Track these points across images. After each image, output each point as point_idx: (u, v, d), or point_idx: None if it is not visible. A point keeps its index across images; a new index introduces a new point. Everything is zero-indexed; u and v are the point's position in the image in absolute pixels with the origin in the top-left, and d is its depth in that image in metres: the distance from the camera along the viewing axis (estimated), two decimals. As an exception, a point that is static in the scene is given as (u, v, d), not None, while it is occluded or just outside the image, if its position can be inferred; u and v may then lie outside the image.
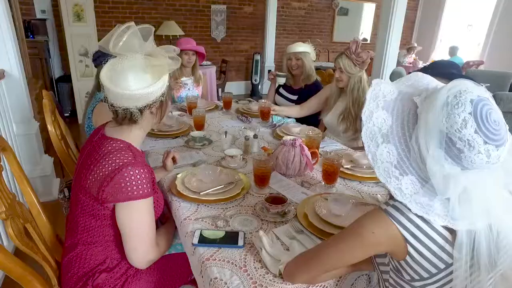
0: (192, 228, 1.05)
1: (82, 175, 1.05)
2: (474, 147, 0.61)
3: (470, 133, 0.61)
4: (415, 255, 0.68)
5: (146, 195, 0.99)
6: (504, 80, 3.76)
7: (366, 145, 0.70)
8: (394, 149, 0.68)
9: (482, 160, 0.62)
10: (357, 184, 1.41)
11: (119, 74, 0.99)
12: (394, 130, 0.69)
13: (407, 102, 0.71)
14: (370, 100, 0.72)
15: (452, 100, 0.63)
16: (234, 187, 1.26)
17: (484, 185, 0.64)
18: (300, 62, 2.44)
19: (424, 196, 0.66)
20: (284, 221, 1.09)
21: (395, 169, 0.68)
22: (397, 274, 0.75)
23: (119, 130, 1.08)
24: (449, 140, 0.63)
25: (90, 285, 1.05)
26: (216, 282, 0.84)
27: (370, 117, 0.70)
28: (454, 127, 0.62)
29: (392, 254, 0.73)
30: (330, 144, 1.89)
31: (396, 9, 3.78)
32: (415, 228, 0.67)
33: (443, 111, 0.63)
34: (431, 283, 0.70)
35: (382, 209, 0.70)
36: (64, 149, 1.59)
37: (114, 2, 5.26)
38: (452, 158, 0.64)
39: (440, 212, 0.65)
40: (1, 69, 2.21)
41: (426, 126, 0.65)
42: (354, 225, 0.74)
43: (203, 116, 1.94)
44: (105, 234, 1.08)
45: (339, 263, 0.78)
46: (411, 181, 0.67)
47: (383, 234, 0.69)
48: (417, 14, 8.33)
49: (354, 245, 0.73)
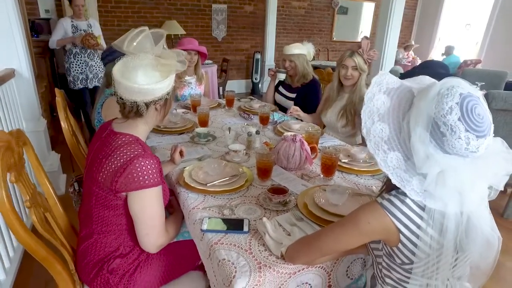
0: (200, 216, 1.14)
1: (94, 168, 1.12)
2: (455, 132, 0.69)
3: (453, 119, 0.69)
4: (406, 243, 0.76)
5: (156, 183, 1.07)
6: (498, 79, 3.85)
7: (363, 121, 0.79)
8: (387, 128, 0.77)
9: (461, 146, 0.70)
10: (354, 177, 1.50)
11: (131, 70, 1.08)
12: (390, 113, 0.78)
13: (407, 92, 0.80)
14: (374, 84, 0.80)
15: (444, 91, 0.71)
16: (238, 179, 1.34)
17: (460, 172, 0.71)
18: (293, 64, 2.52)
19: (405, 172, 0.74)
20: (286, 210, 1.17)
21: (385, 144, 0.76)
22: (389, 258, 0.83)
23: (126, 125, 1.16)
24: (435, 124, 0.71)
25: (105, 269, 1.14)
26: (224, 262, 0.93)
27: (371, 98, 0.79)
28: (440, 112, 0.70)
29: (386, 241, 0.81)
30: (329, 140, 1.98)
31: (394, 9, 3.85)
32: (407, 220, 0.75)
33: (434, 99, 0.71)
34: (419, 266, 0.78)
35: (378, 202, 0.78)
36: (76, 144, 1.67)
37: (117, 1, 5.33)
38: (436, 141, 0.72)
39: (417, 189, 0.73)
40: (12, 69, 2.28)
41: (417, 110, 0.73)
42: (352, 215, 0.82)
43: (207, 114, 2.02)
44: (118, 223, 1.15)
45: (336, 248, 0.86)
46: (397, 157, 0.75)
47: (378, 225, 0.77)
48: (416, 13, 8.40)
49: (351, 233, 0.81)
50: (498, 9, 6.55)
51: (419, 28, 8.47)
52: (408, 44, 7.01)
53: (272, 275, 0.90)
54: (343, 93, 2.14)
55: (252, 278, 0.88)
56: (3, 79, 2.02)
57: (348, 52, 2.02)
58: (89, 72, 3.57)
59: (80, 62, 3.52)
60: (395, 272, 0.83)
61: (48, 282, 1.81)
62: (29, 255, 1.02)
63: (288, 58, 2.52)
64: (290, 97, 2.64)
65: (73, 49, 3.46)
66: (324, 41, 7.50)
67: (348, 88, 2.10)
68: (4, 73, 2.09)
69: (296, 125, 2.08)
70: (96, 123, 1.82)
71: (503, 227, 2.52)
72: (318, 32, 7.39)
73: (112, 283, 1.13)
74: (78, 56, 3.49)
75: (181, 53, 1.16)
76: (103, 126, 1.26)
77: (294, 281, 0.94)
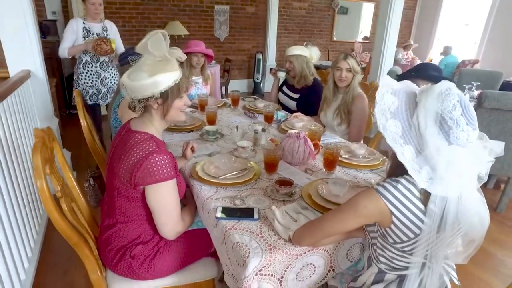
0: (214, 206, 1.25)
1: (115, 164, 1.24)
2: (460, 125, 0.82)
3: (458, 114, 0.82)
4: (397, 223, 0.88)
5: (170, 177, 1.17)
6: (494, 79, 3.95)
7: (378, 118, 0.90)
8: (400, 124, 0.89)
9: (464, 137, 0.83)
10: (354, 171, 1.61)
11: (132, 70, 1.21)
12: (399, 110, 0.90)
13: (409, 93, 0.92)
14: (382, 86, 0.92)
15: (445, 91, 0.85)
16: (247, 172, 1.46)
17: (461, 160, 0.83)
18: (292, 65, 2.62)
19: (417, 163, 0.86)
20: (291, 200, 1.29)
21: (400, 138, 0.88)
22: (383, 239, 0.95)
23: (141, 123, 1.27)
24: (442, 119, 0.83)
25: (128, 255, 1.25)
26: (238, 245, 1.04)
27: (382, 98, 0.91)
28: (446, 109, 0.83)
29: (380, 223, 0.93)
30: (330, 138, 2.09)
31: (393, 10, 3.96)
32: (398, 203, 0.86)
33: (438, 98, 0.84)
34: (409, 245, 0.90)
35: (374, 188, 0.89)
36: (93, 141, 1.79)
37: (121, 3, 5.44)
38: (443, 133, 0.84)
39: (424, 178, 0.84)
40: (28, 69, 2.40)
41: (425, 108, 0.85)
42: (351, 200, 0.93)
43: (215, 113, 2.14)
44: (138, 213, 1.26)
45: (338, 229, 0.97)
46: (410, 150, 0.87)
47: (373, 208, 0.88)
48: (415, 13, 8.50)
49: (350, 216, 0.92)
50: (496, 9, 6.66)
51: (418, 28, 8.58)
52: (407, 44, 7.10)
53: (281, 255, 1.02)
54: (338, 94, 2.26)
55: (263, 258, 0.99)
56: (21, 81, 2.13)
57: (342, 55, 2.15)
58: (102, 86, 2.90)
59: (91, 73, 2.86)
60: (388, 251, 0.95)
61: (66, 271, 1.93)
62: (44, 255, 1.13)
63: (288, 59, 2.63)
64: (293, 97, 2.75)
65: (83, 57, 2.81)
66: (324, 41, 7.60)
67: (342, 89, 2.22)
68: (22, 75, 2.20)
69: (299, 123, 2.19)
70: (112, 121, 1.93)
71: (496, 221, 2.64)
72: (319, 33, 7.50)
73: (134, 267, 1.24)
74: (88, 65, 2.84)
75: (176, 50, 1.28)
76: (123, 125, 1.37)
77: (300, 262, 1.06)
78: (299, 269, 1.07)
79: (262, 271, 1.00)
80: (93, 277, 1.22)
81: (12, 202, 1.67)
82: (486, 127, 2.50)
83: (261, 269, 1.00)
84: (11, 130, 1.85)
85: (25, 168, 2.01)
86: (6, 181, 1.62)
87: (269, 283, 1.02)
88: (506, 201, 2.72)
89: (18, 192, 1.81)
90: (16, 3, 2.25)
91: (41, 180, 1.00)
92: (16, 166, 1.83)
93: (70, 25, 2.76)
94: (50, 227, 2.30)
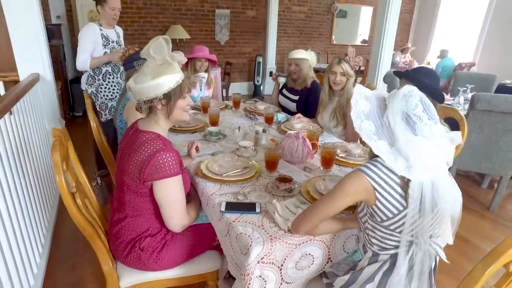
0: (218, 201, 1.34)
1: (124, 162, 1.32)
2: (422, 120, 0.97)
3: (420, 111, 0.97)
4: (382, 200, 0.99)
5: (176, 173, 1.26)
6: (488, 82, 4.05)
7: (354, 120, 1.04)
8: (373, 124, 1.03)
9: (427, 129, 0.97)
10: (350, 169, 1.69)
11: (137, 75, 1.30)
12: (372, 112, 1.04)
13: (379, 97, 1.07)
14: (356, 93, 1.07)
15: (408, 93, 1.00)
16: (249, 170, 1.55)
17: (427, 149, 0.97)
18: (298, 68, 2.72)
19: (392, 154, 0.99)
20: (291, 196, 1.37)
21: (374, 135, 1.02)
22: (371, 219, 1.05)
23: (147, 123, 1.35)
24: (407, 116, 0.97)
25: (137, 247, 1.33)
26: (241, 235, 1.13)
27: (356, 103, 1.05)
28: (410, 107, 0.97)
29: (366, 202, 1.04)
30: (328, 138, 2.18)
31: (390, 14, 4.06)
32: (380, 180, 0.99)
33: (403, 99, 0.99)
34: (394, 222, 1.00)
35: (358, 169, 1.02)
36: (102, 142, 1.88)
37: (124, 7, 5.53)
38: (410, 128, 0.98)
39: (401, 166, 0.97)
40: (37, 73, 2.49)
41: (393, 108, 0.99)
42: (338, 183, 1.05)
43: (217, 114, 2.23)
44: (147, 208, 1.35)
45: (330, 211, 1.07)
46: (384, 144, 1.01)
47: (358, 186, 1.00)
48: (413, 16, 8.63)
49: (339, 196, 1.03)
50: (491, 13, 6.78)
51: (416, 31, 8.70)
52: (405, 47, 7.22)
53: (281, 245, 1.11)
54: (334, 97, 2.36)
55: (265, 247, 1.08)
56: (32, 84, 2.22)
57: (336, 59, 2.26)
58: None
59: (112, 85, 2.57)
60: (378, 231, 1.05)
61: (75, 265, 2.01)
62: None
63: (294, 62, 2.72)
64: (293, 99, 2.84)
65: (102, 67, 2.52)
66: (323, 45, 7.71)
67: (338, 92, 2.32)
68: (32, 78, 2.29)
69: (298, 124, 2.28)
70: (118, 123, 2.02)
71: (489, 219, 2.73)
72: (318, 36, 7.61)
73: (144, 258, 1.33)
74: (110, 76, 2.56)
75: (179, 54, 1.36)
76: (131, 125, 1.45)
77: (299, 251, 1.14)
78: (298, 258, 1.15)
79: (263, 259, 1.08)
80: (105, 268, 1.31)
81: (25, 199, 1.76)
82: (479, 127, 2.59)
83: (263, 257, 1.08)
84: (23, 131, 1.93)
85: (36, 168, 2.10)
86: (20, 180, 1.71)
87: (270, 271, 1.11)
88: (499, 200, 2.80)
89: (31, 190, 1.89)
90: (27, 10, 2.35)
91: (60, 176, 1.09)
92: (28, 166, 1.91)
93: (87, 32, 2.44)
94: (58, 225, 2.39)
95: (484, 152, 2.66)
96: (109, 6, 2.45)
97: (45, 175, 2.35)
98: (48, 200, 2.33)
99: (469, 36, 7.42)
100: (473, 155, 2.70)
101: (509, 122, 2.47)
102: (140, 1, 5.67)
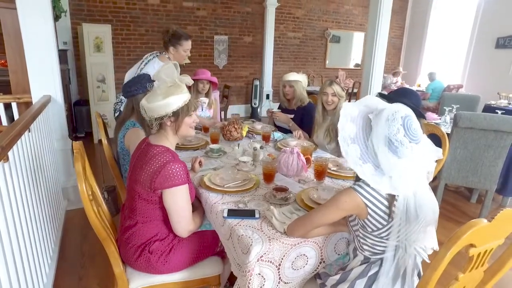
0: (221, 208, 1.47)
1: (136, 172, 1.46)
2: (404, 145, 1.04)
3: (401, 136, 1.04)
4: (372, 214, 1.11)
5: (184, 182, 1.40)
6: (473, 102, 4.29)
7: (341, 145, 1.12)
8: (358, 147, 1.11)
9: (408, 152, 1.05)
10: (341, 181, 1.84)
11: (149, 95, 1.47)
12: (358, 136, 1.12)
13: (365, 118, 1.14)
14: (342, 117, 1.15)
15: (390, 117, 1.06)
16: (248, 182, 1.69)
17: (410, 169, 1.06)
18: (293, 89, 2.92)
19: (376, 176, 1.08)
20: (287, 204, 1.51)
21: (359, 160, 1.10)
22: (363, 229, 1.17)
23: (158, 138, 1.51)
24: (389, 141, 1.05)
25: (147, 250, 1.45)
26: (242, 237, 1.26)
27: (343, 128, 1.13)
28: (392, 133, 1.04)
29: (358, 215, 1.16)
30: (321, 153, 2.33)
31: (378, 40, 4.31)
32: (371, 197, 1.10)
33: (386, 124, 1.06)
34: (384, 231, 1.13)
35: (351, 187, 1.13)
36: (112, 158, 2.02)
37: (127, 34, 5.82)
38: (392, 151, 1.06)
39: (386, 185, 1.07)
40: (49, 95, 2.66)
41: (377, 133, 1.07)
42: (333, 197, 1.17)
43: (218, 133, 2.39)
44: (156, 214, 1.48)
45: (323, 221, 1.20)
46: (369, 167, 1.09)
47: (352, 202, 1.11)
48: (403, 42, 9.04)
49: (333, 209, 1.16)
50: (475, 38, 7.16)
51: (406, 56, 9.09)
52: (396, 71, 7.53)
53: (278, 245, 1.23)
54: (327, 116, 2.54)
55: (264, 246, 1.21)
56: (44, 105, 2.38)
57: (328, 81, 2.45)
58: None
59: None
60: (369, 239, 1.17)
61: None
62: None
63: (289, 84, 2.93)
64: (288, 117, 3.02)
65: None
66: (318, 68, 8.02)
67: (331, 112, 2.51)
68: (45, 100, 2.45)
69: (293, 141, 2.44)
70: (119, 150, 2.09)
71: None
72: (313, 60, 7.93)
73: (153, 261, 1.44)
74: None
75: (185, 77, 1.54)
76: (143, 140, 1.60)
77: (294, 251, 1.27)
78: (293, 258, 1.28)
79: (262, 258, 1.21)
80: (117, 271, 1.42)
81: (38, 214, 1.87)
82: (463, 144, 2.77)
83: (262, 256, 1.21)
84: (38, 149, 2.08)
85: (46, 185, 2.22)
86: (32, 197, 1.83)
87: (268, 269, 1.23)
88: (486, 213, 2.94)
89: (42, 206, 2.01)
90: (46, 40, 2.55)
91: (81, 183, 1.23)
92: (41, 183, 2.04)
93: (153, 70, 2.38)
94: (64, 239, 2.48)
95: (470, 166, 2.82)
96: (184, 49, 2.67)
97: (54, 192, 2.47)
98: (55, 216, 2.44)
99: (456, 60, 7.78)
100: (460, 170, 2.86)
101: (489, 138, 2.66)
102: (142, 28, 5.97)
